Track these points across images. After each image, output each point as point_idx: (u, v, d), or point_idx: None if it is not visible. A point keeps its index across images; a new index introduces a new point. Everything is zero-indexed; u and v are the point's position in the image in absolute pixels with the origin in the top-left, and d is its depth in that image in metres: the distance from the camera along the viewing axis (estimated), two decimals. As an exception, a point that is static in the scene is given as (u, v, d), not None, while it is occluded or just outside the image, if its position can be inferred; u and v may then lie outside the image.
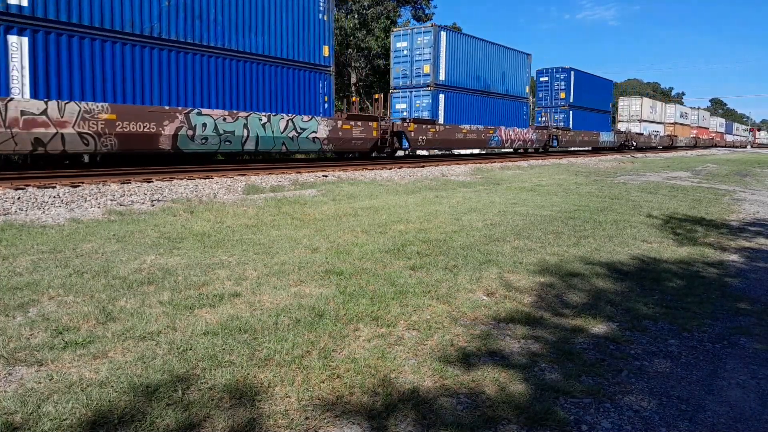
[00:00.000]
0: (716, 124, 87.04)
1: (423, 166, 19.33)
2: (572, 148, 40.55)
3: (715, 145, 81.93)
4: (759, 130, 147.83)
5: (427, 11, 45.01)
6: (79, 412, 2.52)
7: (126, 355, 3.15)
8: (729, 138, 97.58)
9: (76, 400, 2.60)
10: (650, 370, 3.29)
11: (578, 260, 5.81)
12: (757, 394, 3.05)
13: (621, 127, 51.77)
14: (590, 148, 41.77)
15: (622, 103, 54.62)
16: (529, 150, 33.65)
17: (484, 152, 33.40)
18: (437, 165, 20.17)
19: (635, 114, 53.32)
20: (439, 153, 29.49)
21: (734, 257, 6.41)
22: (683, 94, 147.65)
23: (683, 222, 8.75)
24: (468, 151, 32.86)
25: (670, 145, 58.34)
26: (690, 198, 12.45)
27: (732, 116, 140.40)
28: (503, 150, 32.44)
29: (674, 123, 62.57)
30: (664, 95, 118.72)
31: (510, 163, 23.42)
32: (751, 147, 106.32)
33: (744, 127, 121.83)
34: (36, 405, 2.56)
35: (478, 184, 14.76)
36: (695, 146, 69.47)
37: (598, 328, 3.91)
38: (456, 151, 31.42)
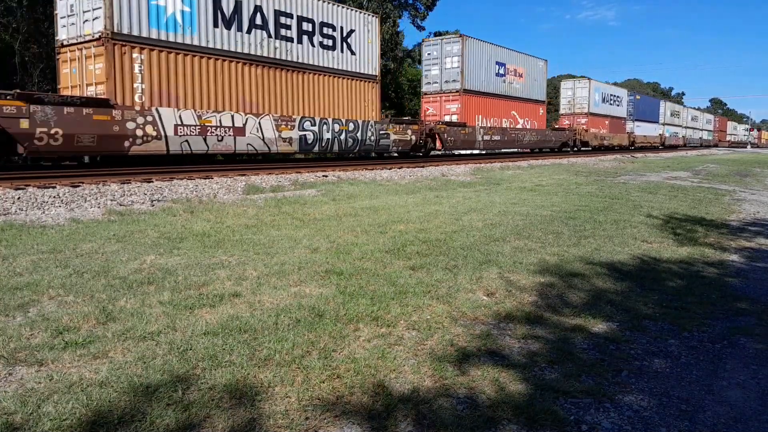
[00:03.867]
0: (593, 97, 39.93)
1: (423, 166, 19.34)
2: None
3: (601, 147, 40.70)
4: (759, 128, 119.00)
5: (422, 11, 45.12)
6: (79, 412, 2.52)
7: (126, 355, 3.15)
8: (650, 130, 49.95)
9: (76, 400, 2.60)
10: (650, 370, 3.29)
11: (578, 260, 5.81)
12: (757, 394, 3.05)
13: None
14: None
15: None
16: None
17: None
18: (437, 165, 20.17)
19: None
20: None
21: (734, 257, 6.41)
22: (683, 94, 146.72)
23: (683, 222, 8.75)
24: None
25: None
26: (690, 198, 12.45)
27: (732, 116, 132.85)
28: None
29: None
30: (664, 95, 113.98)
31: (510, 163, 23.43)
32: (715, 148, 68.75)
33: (699, 114, 71.16)
34: (36, 405, 2.56)
35: (478, 184, 14.76)
36: (487, 155, 28.84)
37: (598, 327, 3.91)
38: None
